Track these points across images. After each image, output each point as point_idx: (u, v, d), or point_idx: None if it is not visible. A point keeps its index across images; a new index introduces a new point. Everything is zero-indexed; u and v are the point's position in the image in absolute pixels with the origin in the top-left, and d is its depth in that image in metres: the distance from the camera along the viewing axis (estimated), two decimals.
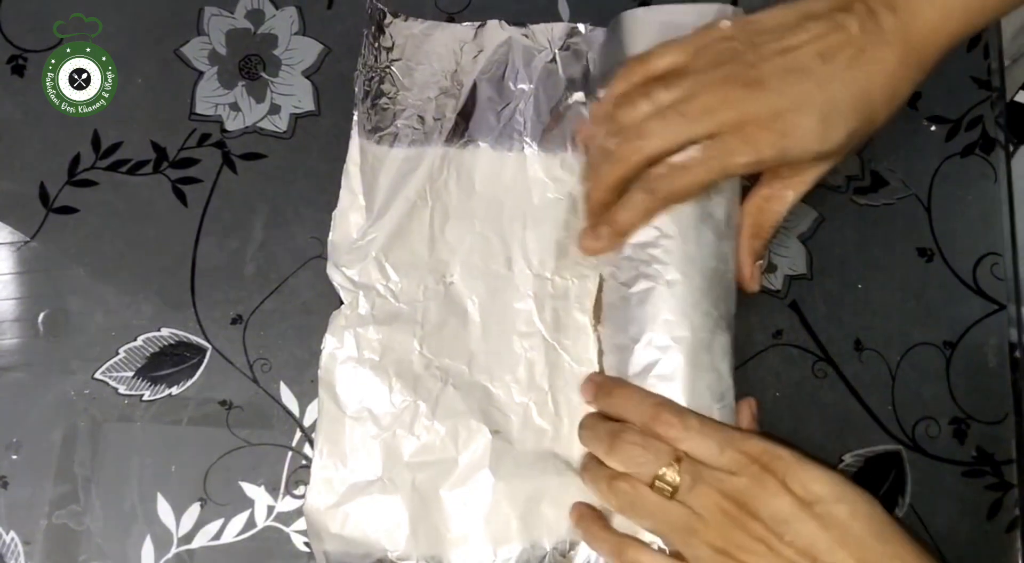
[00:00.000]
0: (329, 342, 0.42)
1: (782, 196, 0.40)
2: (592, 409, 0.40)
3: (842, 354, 0.44)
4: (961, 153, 0.46)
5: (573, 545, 0.40)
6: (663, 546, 0.37)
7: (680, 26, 0.40)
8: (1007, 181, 0.46)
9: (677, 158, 0.38)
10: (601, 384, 0.40)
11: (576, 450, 0.41)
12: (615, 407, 0.39)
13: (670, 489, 0.35)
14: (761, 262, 0.42)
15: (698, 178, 0.38)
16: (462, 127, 0.45)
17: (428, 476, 0.40)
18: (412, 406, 0.41)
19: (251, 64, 0.46)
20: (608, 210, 0.40)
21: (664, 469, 0.36)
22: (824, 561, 0.33)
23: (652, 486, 0.36)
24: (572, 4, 0.47)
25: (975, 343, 0.44)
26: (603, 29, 0.46)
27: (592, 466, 0.39)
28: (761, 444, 0.36)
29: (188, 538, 0.41)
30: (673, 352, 0.38)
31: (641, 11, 0.43)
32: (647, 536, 0.38)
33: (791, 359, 0.44)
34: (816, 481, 0.34)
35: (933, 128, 0.47)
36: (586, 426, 0.39)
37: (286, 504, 0.41)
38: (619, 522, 0.39)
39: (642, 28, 0.42)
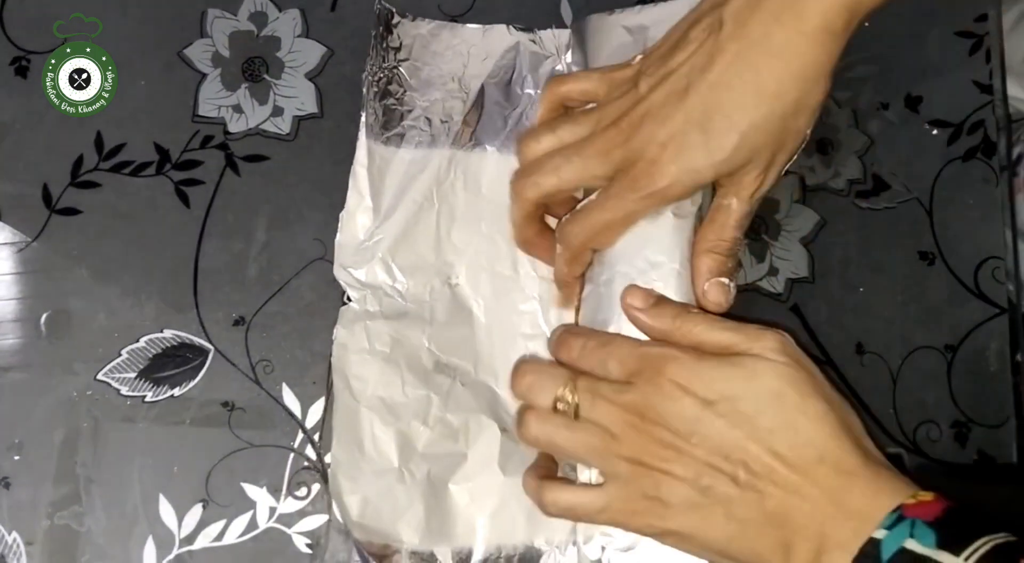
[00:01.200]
0: (340, 333, 0.42)
1: (727, 206, 0.38)
2: None
3: (844, 357, 0.44)
4: (963, 157, 0.46)
5: (582, 543, 0.40)
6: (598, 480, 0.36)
7: (641, 28, 0.41)
8: (1008, 185, 0.46)
9: (580, 206, 0.38)
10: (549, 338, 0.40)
11: None
12: (550, 351, 0.39)
13: (572, 409, 0.35)
14: (725, 281, 0.38)
15: (598, 221, 0.37)
16: (469, 130, 0.45)
17: (439, 469, 0.40)
18: (425, 398, 0.41)
19: (254, 66, 0.47)
20: (531, 246, 0.41)
21: (562, 390, 0.35)
22: (737, 457, 0.33)
23: (555, 411, 0.35)
24: (575, 8, 0.48)
25: (976, 347, 0.44)
26: None
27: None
28: (657, 349, 0.35)
29: (190, 539, 0.41)
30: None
31: (597, 17, 0.43)
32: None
33: None
34: (718, 379, 0.34)
35: (935, 132, 0.47)
36: None
37: (288, 505, 0.41)
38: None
39: (605, 33, 0.43)
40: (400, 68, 0.46)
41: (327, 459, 0.42)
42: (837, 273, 0.45)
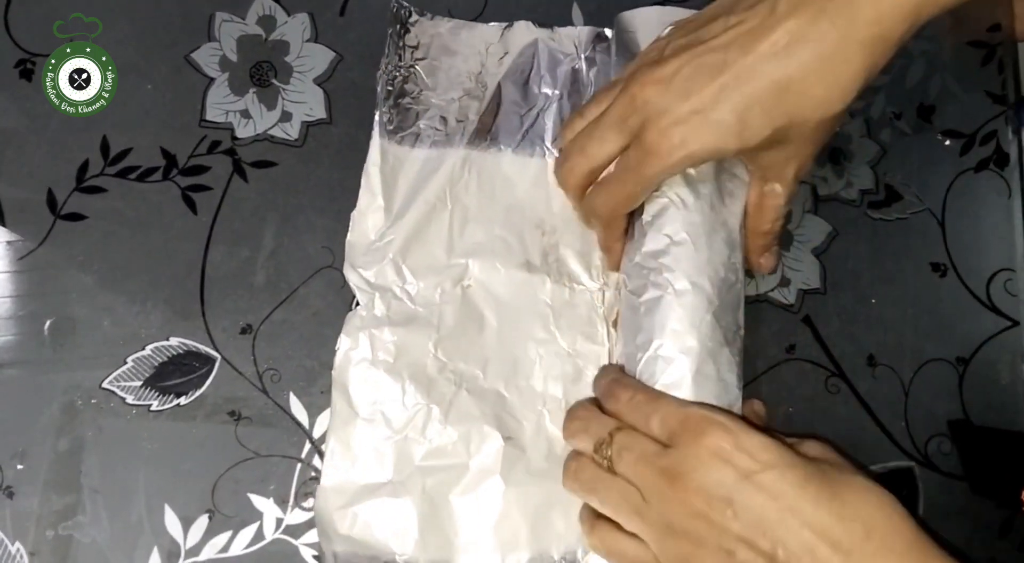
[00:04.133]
0: (344, 342, 0.42)
1: (772, 190, 0.38)
2: None
3: (855, 369, 0.44)
4: (975, 168, 0.46)
5: (582, 555, 0.40)
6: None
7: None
8: (1021, 196, 0.46)
9: (602, 176, 0.38)
10: (596, 376, 0.40)
11: None
12: (595, 391, 0.39)
13: (607, 462, 0.34)
14: (776, 248, 0.41)
15: (617, 193, 0.37)
16: (485, 130, 0.45)
17: (439, 481, 0.40)
18: (425, 409, 0.41)
19: (262, 71, 0.46)
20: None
21: (603, 439, 0.35)
22: (776, 534, 0.31)
23: (593, 461, 0.35)
24: (586, 11, 0.47)
25: (988, 359, 0.44)
26: None
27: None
28: (700, 411, 0.33)
29: (196, 550, 0.40)
30: (679, 362, 0.37)
31: (646, 11, 0.43)
32: None
33: (804, 374, 0.43)
34: (760, 449, 0.32)
35: (947, 142, 0.46)
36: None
37: (295, 516, 0.41)
38: None
39: (653, 27, 0.42)
40: (417, 67, 0.45)
41: None
42: (849, 284, 0.45)
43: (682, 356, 0.37)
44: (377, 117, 0.44)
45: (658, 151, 0.35)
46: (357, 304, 0.43)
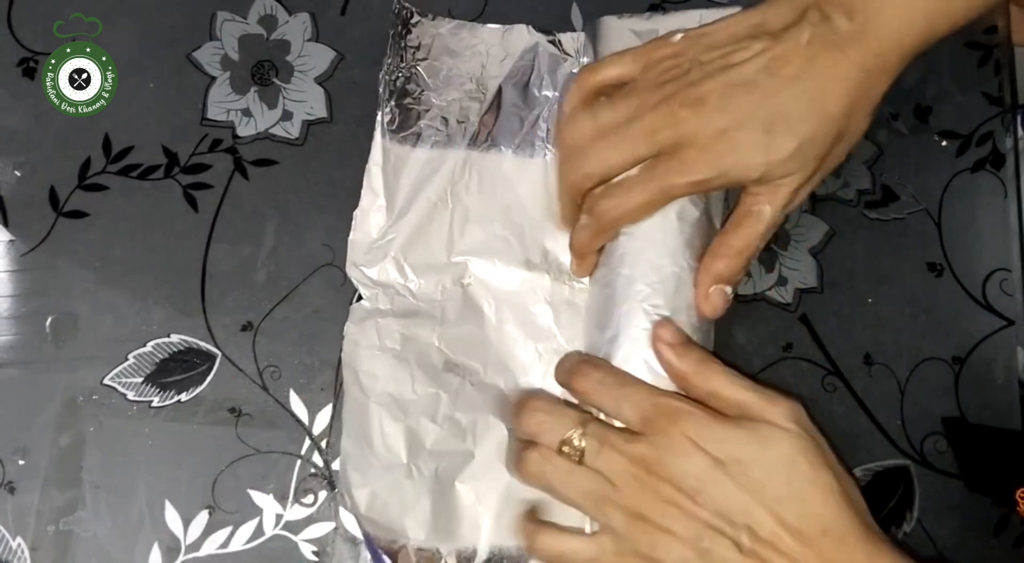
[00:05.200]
0: (350, 330, 0.42)
1: (759, 212, 0.37)
2: None
3: (852, 368, 0.44)
4: (972, 168, 0.46)
5: None
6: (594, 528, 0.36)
7: (651, 33, 0.41)
8: (1016, 197, 0.46)
9: (617, 179, 0.38)
10: (561, 360, 0.39)
11: None
12: (559, 374, 0.38)
13: (577, 454, 0.35)
14: (729, 290, 0.38)
15: (637, 199, 0.37)
16: (486, 131, 0.45)
17: (446, 466, 0.40)
18: (435, 396, 0.41)
19: (264, 70, 0.46)
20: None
21: (570, 433, 0.35)
22: (742, 522, 0.33)
23: (560, 453, 0.35)
24: (585, 12, 0.47)
25: (984, 358, 0.44)
26: None
27: (510, 443, 0.38)
28: (674, 401, 0.34)
29: (196, 546, 0.40)
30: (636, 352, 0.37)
31: (608, 19, 0.43)
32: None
33: (801, 373, 0.44)
34: (732, 441, 0.33)
35: (944, 143, 0.47)
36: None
37: (295, 512, 0.41)
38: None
39: (616, 36, 0.43)
40: (418, 67, 0.45)
41: (334, 466, 0.41)
42: (845, 283, 0.45)
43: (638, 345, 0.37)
44: (379, 117, 0.45)
45: (692, 164, 0.36)
46: (359, 299, 0.43)
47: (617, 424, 0.36)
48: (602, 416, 0.36)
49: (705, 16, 0.42)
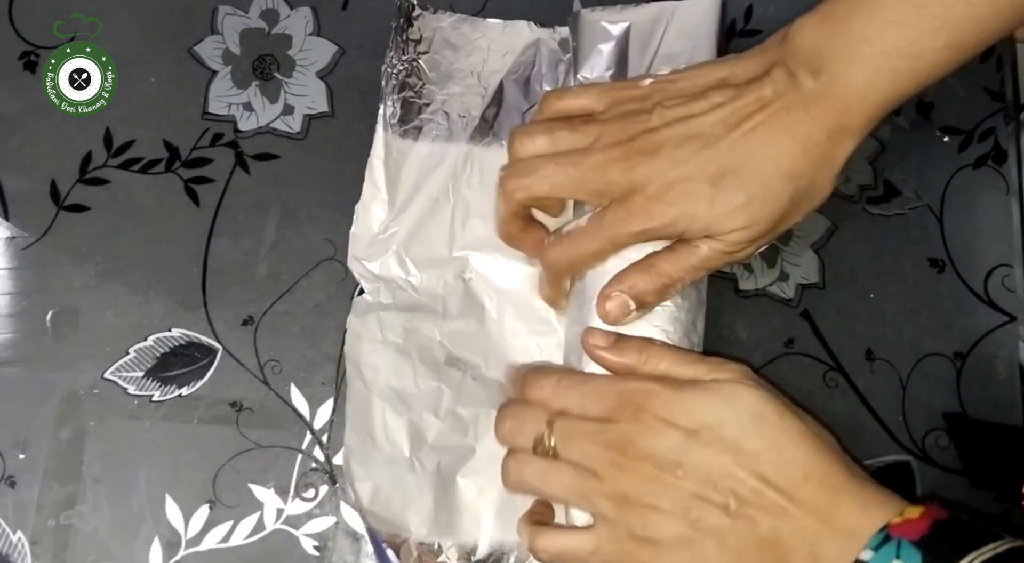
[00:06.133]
0: (352, 323, 0.42)
1: (696, 247, 0.37)
2: None
3: (853, 364, 0.44)
4: (974, 164, 0.46)
5: None
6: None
7: (625, 28, 0.42)
8: (1018, 193, 0.46)
9: (566, 229, 0.38)
10: (509, 376, 0.41)
11: None
12: (511, 389, 0.39)
13: (552, 451, 0.35)
14: (633, 305, 0.37)
15: (586, 249, 0.37)
16: (487, 126, 0.45)
17: (448, 460, 0.40)
18: (437, 390, 0.41)
19: (265, 64, 0.46)
20: (515, 241, 0.41)
21: (541, 431, 0.35)
22: (726, 486, 0.33)
23: (535, 454, 0.35)
24: (587, 4, 0.47)
25: (986, 354, 0.44)
26: None
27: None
28: (633, 384, 0.35)
29: (197, 540, 0.40)
30: None
31: (588, 12, 0.44)
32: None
33: (802, 368, 0.44)
34: (699, 408, 0.34)
35: (946, 139, 0.47)
36: None
37: (295, 507, 0.41)
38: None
39: (589, 31, 0.43)
40: (420, 61, 0.45)
41: (335, 460, 0.41)
42: (847, 279, 0.45)
43: None
44: (381, 111, 0.45)
45: (639, 213, 0.36)
46: (361, 292, 0.43)
47: None
48: None
49: (676, 8, 0.42)
